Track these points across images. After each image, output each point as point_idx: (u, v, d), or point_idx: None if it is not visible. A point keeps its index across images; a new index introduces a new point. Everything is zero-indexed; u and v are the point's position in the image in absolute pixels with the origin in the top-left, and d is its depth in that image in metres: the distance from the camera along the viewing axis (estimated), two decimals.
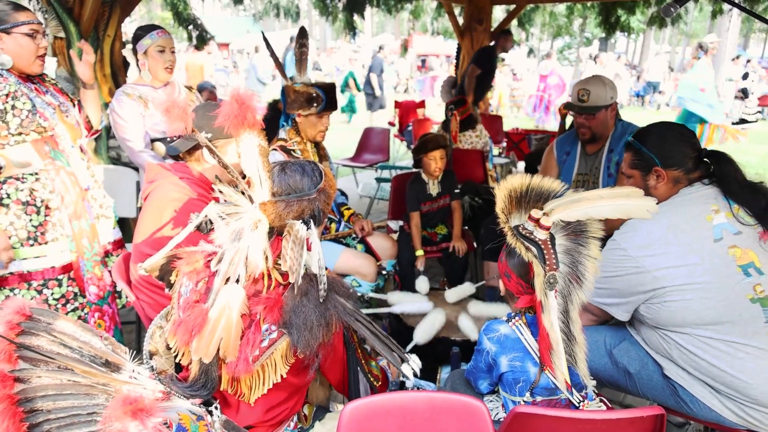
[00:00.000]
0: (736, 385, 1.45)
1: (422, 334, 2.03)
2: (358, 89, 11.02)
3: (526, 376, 1.36)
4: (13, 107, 1.87)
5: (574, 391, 1.37)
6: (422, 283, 2.47)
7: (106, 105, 3.29)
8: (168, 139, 2.12)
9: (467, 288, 2.40)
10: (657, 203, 1.58)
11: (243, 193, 1.18)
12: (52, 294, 2.01)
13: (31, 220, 1.94)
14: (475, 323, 2.05)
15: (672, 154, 1.60)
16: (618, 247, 1.57)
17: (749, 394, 1.44)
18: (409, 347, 2.00)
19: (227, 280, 1.12)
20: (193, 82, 7.65)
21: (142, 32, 2.49)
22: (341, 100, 11.56)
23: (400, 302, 2.23)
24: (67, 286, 2.04)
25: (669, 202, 1.60)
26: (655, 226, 1.53)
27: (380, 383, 1.40)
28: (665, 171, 1.60)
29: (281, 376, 1.17)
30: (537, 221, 1.26)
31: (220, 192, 1.19)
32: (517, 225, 1.31)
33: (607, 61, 11.74)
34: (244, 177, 1.20)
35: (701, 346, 1.49)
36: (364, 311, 2.36)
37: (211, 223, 1.21)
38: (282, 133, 2.56)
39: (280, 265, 1.19)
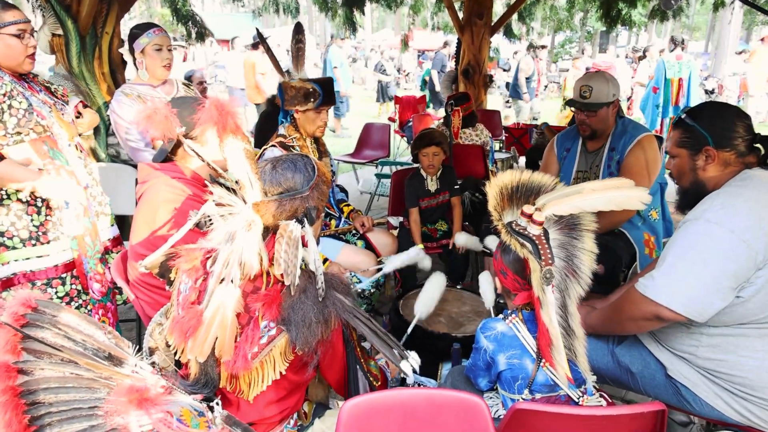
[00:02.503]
0: (756, 385, 1.42)
1: (424, 304, 2.01)
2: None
3: (525, 374, 1.36)
4: (10, 106, 1.86)
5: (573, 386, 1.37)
6: (425, 262, 2.48)
7: (105, 104, 3.29)
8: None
9: (475, 241, 2.37)
10: (709, 187, 1.49)
11: (235, 192, 1.18)
12: (56, 293, 2.02)
13: (32, 219, 1.94)
14: (492, 290, 2.00)
15: (726, 134, 1.48)
16: (719, 231, 1.37)
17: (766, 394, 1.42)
18: (411, 325, 1.99)
19: (222, 281, 1.12)
20: (247, 80, 7.72)
21: (138, 31, 2.49)
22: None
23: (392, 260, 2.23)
24: (71, 284, 2.05)
25: (744, 183, 1.44)
26: (753, 205, 1.38)
27: (379, 383, 1.39)
28: (717, 151, 1.48)
29: (280, 373, 1.17)
30: (530, 216, 1.25)
31: (211, 193, 1.18)
32: (511, 222, 1.30)
33: (656, 55, 9.30)
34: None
35: (736, 342, 1.43)
36: (363, 284, 2.37)
37: (211, 220, 1.21)
38: (281, 130, 2.56)
39: None
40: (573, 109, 2.56)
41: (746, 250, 1.35)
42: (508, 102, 10.29)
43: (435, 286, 2.09)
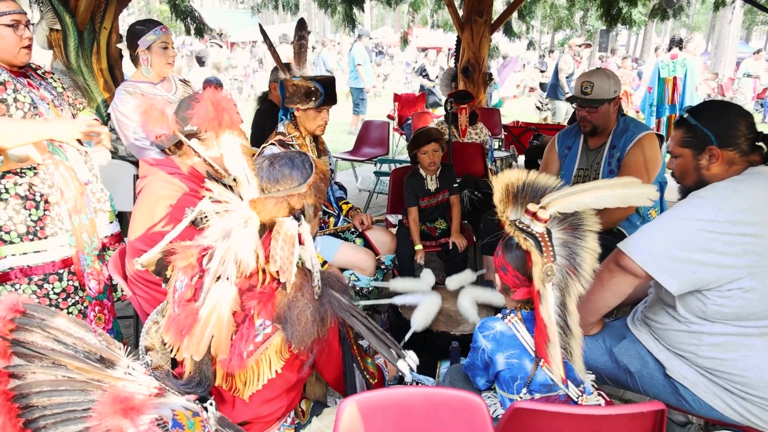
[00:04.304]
0: (756, 385, 1.41)
1: (419, 320, 2.00)
2: (495, 87, 10.25)
3: (524, 373, 1.35)
4: (15, 99, 1.86)
5: (570, 385, 1.36)
6: (428, 276, 2.43)
7: (104, 100, 3.27)
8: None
9: (468, 276, 2.37)
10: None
11: (232, 189, 1.17)
12: (53, 288, 2.00)
13: (30, 214, 1.93)
14: (474, 306, 2.02)
15: (729, 133, 1.48)
16: (708, 204, 1.39)
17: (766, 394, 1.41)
18: (407, 335, 1.98)
19: (218, 278, 1.11)
20: None
21: (143, 27, 2.48)
22: None
23: (402, 291, 2.20)
24: (68, 281, 2.03)
25: (746, 179, 1.45)
26: (757, 193, 1.39)
27: (376, 381, 1.38)
28: (720, 151, 1.48)
29: (276, 371, 1.16)
30: (534, 214, 1.25)
31: (208, 190, 1.17)
32: (514, 219, 1.30)
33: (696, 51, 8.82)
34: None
35: (737, 341, 1.43)
36: (363, 302, 2.35)
37: (207, 217, 1.20)
38: (281, 127, 2.54)
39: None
40: (575, 105, 2.55)
41: (727, 227, 1.36)
42: (546, 104, 9.93)
43: (433, 303, 2.07)
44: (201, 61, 8.52)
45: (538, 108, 9.63)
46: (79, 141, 1.86)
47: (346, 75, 10.14)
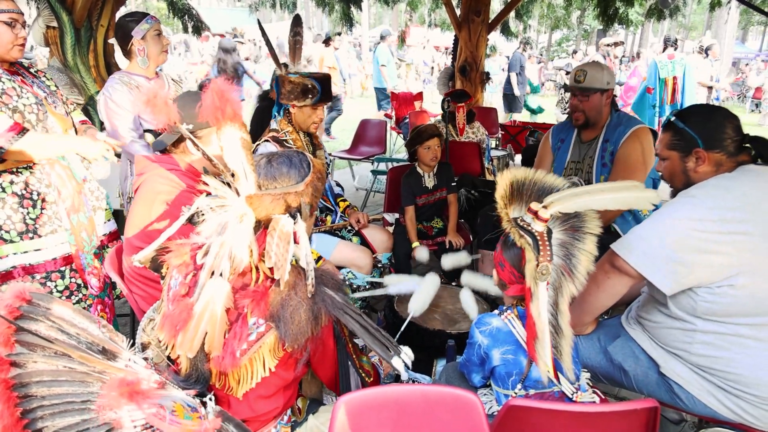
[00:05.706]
0: (750, 383, 1.42)
1: (418, 303, 2.00)
2: (536, 90, 10.01)
3: (519, 369, 1.36)
4: (24, 105, 1.88)
5: (565, 381, 1.37)
6: (422, 252, 2.42)
7: (97, 92, 3.26)
8: (158, 131, 2.10)
9: (463, 257, 2.37)
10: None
11: (229, 185, 1.16)
12: (56, 286, 2.01)
13: (27, 213, 1.93)
14: (474, 301, 2.05)
15: (716, 136, 1.50)
16: (700, 203, 1.41)
17: (762, 393, 1.42)
18: (406, 321, 1.98)
19: (212, 273, 1.11)
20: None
21: (133, 18, 2.46)
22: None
23: (396, 284, 2.21)
24: (70, 278, 2.04)
25: (737, 176, 1.47)
26: (747, 190, 1.40)
27: (371, 379, 1.38)
28: (707, 153, 1.50)
29: (270, 369, 1.16)
30: (535, 213, 1.26)
31: (205, 184, 1.17)
32: (516, 217, 1.31)
33: (719, 55, 8.93)
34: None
35: (730, 339, 1.44)
36: (359, 294, 2.35)
37: (203, 214, 1.20)
38: (273, 124, 2.54)
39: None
40: (568, 94, 2.57)
41: (719, 225, 1.37)
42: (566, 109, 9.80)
43: (429, 285, 2.08)
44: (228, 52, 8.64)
45: (564, 110, 9.55)
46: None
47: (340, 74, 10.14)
